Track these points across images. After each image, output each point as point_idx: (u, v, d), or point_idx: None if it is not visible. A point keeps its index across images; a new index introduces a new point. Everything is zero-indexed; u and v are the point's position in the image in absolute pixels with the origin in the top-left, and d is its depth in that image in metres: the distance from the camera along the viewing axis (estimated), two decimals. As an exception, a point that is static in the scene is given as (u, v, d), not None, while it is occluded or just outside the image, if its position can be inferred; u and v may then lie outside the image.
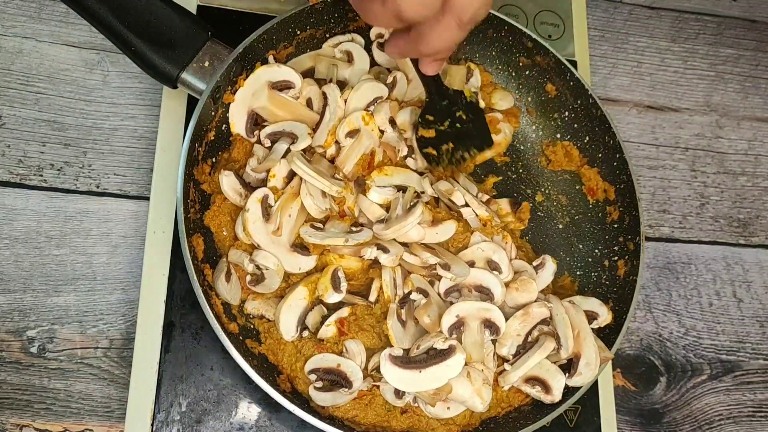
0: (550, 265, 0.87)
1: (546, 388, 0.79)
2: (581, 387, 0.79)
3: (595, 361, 0.79)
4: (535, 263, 0.87)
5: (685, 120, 1.14)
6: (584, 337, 0.80)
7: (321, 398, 0.76)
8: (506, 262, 0.83)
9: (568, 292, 0.89)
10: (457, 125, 0.84)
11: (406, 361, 0.74)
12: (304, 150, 0.82)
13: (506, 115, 0.96)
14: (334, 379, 0.76)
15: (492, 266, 0.83)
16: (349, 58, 0.89)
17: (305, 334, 0.79)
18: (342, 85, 0.87)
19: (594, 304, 0.84)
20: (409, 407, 0.78)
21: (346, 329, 0.79)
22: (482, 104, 0.87)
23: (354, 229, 0.80)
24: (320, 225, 0.81)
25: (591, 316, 0.83)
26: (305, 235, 0.79)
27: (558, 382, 0.79)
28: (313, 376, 0.77)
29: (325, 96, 0.84)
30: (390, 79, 0.88)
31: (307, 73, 0.87)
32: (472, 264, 0.82)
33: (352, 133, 0.84)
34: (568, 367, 0.80)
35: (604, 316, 0.83)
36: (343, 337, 0.78)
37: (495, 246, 0.84)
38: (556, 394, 0.79)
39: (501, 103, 0.96)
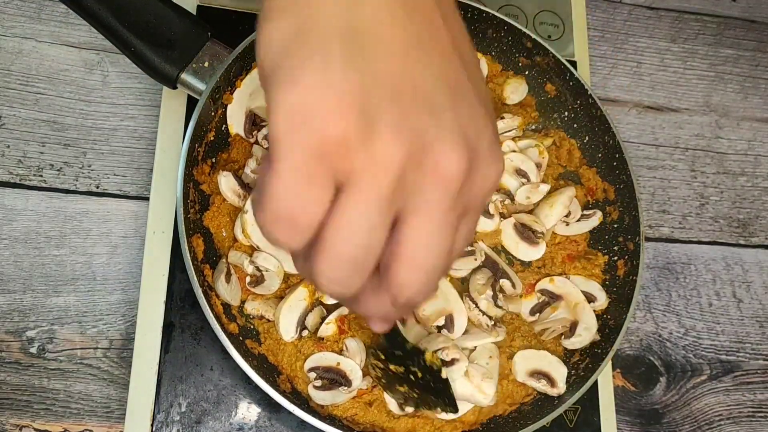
0: (595, 221, 0.90)
1: (550, 381, 0.80)
2: (585, 384, 0.79)
3: (594, 326, 0.83)
4: (585, 212, 0.90)
5: (684, 120, 1.14)
6: (582, 307, 0.84)
7: (320, 397, 0.76)
8: (534, 170, 0.88)
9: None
10: (410, 377, 0.70)
11: None
12: None
13: (520, 107, 0.95)
14: (334, 378, 0.76)
15: (520, 173, 0.88)
16: None
17: (305, 333, 0.79)
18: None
19: (594, 287, 0.86)
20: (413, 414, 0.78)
21: (346, 327, 0.79)
22: (445, 374, 0.71)
23: None
24: None
25: (588, 298, 0.86)
26: None
27: (560, 373, 0.81)
28: (312, 375, 0.77)
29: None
30: None
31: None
32: None
33: None
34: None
35: (602, 301, 0.86)
36: (343, 335, 0.78)
37: (524, 157, 0.89)
38: (561, 386, 0.80)
39: (513, 97, 0.95)
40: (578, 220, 0.90)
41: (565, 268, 0.88)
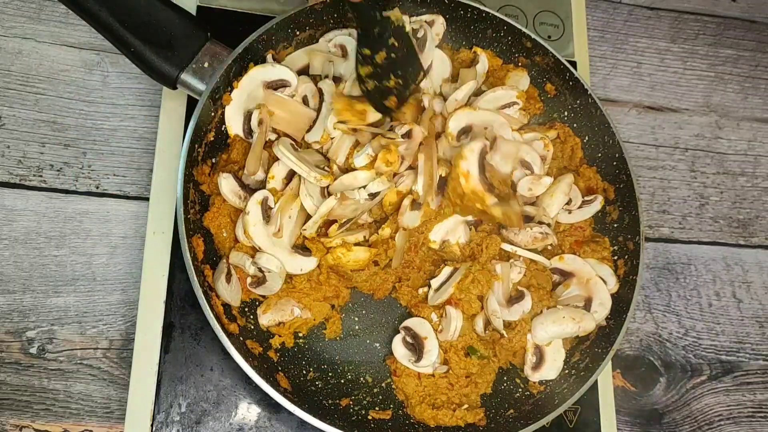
0: (596, 205, 0.90)
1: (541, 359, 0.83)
2: (586, 384, 0.79)
3: (608, 300, 0.83)
4: (586, 198, 0.90)
5: (684, 120, 1.14)
6: (594, 283, 0.85)
7: (401, 353, 0.82)
8: (539, 163, 0.88)
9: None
10: (392, 55, 0.78)
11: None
12: (300, 146, 0.82)
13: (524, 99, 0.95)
14: (413, 344, 0.81)
15: (524, 165, 0.88)
16: (343, 52, 0.88)
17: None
18: (337, 80, 0.87)
19: (605, 271, 0.87)
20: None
21: (454, 304, 0.82)
22: (408, 28, 0.80)
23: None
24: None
25: None
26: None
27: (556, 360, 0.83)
28: (402, 333, 0.82)
29: (320, 92, 0.84)
30: None
31: (303, 71, 0.87)
32: None
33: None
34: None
35: (612, 285, 0.86)
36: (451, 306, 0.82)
37: (529, 148, 0.88)
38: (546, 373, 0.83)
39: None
40: (580, 207, 0.90)
41: (575, 254, 0.89)
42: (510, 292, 0.82)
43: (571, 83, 0.93)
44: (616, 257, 0.89)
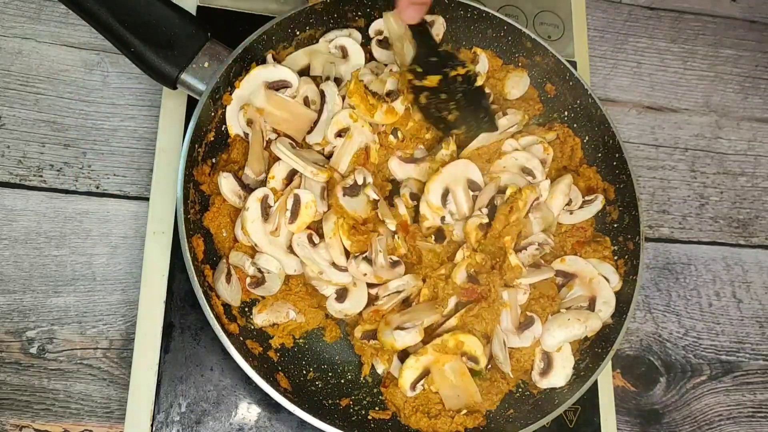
0: (598, 204, 0.90)
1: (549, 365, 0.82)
2: (585, 384, 0.79)
3: (612, 299, 0.84)
4: (586, 197, 0.90)
5: (684, 120, 1.14)
6: (597, 282, 0.85)
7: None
8: (540, 168, 0.88)
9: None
10: (456, 89, 0.81)
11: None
12: (301, 146, 0.82)
13: (523, 101, 0.95)
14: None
15: (525, 172, 0.88)
16: (344, 53, 0.88)
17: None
18: (338, 81, 0.87)
19: (607, 269, 0.87)
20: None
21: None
22: (480, 81, 0.84)
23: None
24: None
25: None
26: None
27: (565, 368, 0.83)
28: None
29: (322, 94, 0.84)
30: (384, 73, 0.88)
31: (303, 71, 0.87)
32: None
33: (342, 132, 0.83)
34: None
35: (615, 282, 0.86)
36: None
37: (528, 155, 0.89)
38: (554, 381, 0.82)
39: (514, 92, 0.95)
40: (581, 207, 0.90)
41: (576, 255, 0.88)
42: (519, 318, 0.81)
43: (571, 83, 0.93)
44: (616, 257, 0.89)
